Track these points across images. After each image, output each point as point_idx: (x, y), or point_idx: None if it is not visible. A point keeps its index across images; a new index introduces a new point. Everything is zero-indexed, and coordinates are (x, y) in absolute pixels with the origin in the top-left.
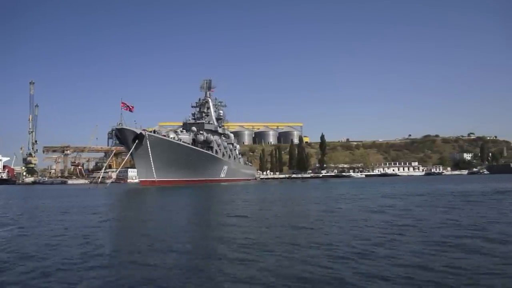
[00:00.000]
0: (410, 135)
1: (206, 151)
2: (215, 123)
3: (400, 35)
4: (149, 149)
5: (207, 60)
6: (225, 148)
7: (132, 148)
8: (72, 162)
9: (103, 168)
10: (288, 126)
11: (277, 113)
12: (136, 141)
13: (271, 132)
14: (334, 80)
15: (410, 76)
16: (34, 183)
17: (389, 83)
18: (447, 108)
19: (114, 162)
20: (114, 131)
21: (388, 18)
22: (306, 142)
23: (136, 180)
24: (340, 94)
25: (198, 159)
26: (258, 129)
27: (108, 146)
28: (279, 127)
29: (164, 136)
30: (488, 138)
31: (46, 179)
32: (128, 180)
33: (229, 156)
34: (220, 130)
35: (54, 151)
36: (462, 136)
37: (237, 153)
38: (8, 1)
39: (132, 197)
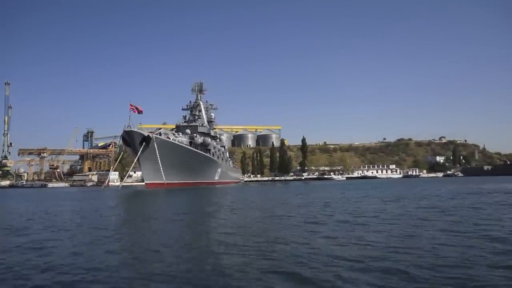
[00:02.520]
0: (385, 139)
1: (204, 153)
2: (207, 126)
3: (371, 34)
4: (157, 152)
5: (184, 62)
6: (218, 150)
7: (140, 151)
8: (51, 165)
9: (112, 170)
10: (267, 129)
11: (256, 116)
12: (143, 144)
13: (249, 135)
14: (310, 84)
15: (385, 80)
16: (11, 186)
17: (365, 87)
18: (418, 112)
19: (92, 165)
20: (121, 134)
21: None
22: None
23: (118, 183)
24: (316, 97)
25: (198, 162)
26: (237, 132)
27: (84, 148)
28: (258, 130)
29: (169, 138)
30: (459, 141)
31: (24, 183)
32: (110, 183)
33: (222, 159)
34: (212, 133)
35: (30, 153)
36: (434, 140)
37: (227, 155)
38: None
39: (166, 200)
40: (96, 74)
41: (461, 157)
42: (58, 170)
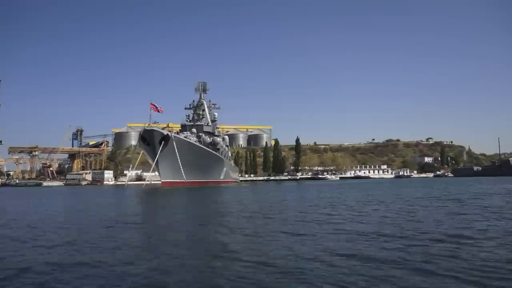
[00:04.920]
0: (373, 139)
1: (215, 152)
2: (211, 125)
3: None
4: (176, 151)
5: (175, 62)
6: (224, 150)
7: (159, 150)
8: (44, 164)
9: (131, 169)
10: (258, 129)
11: (247, 116)
12: (163, 143)
13: (241, 135)
14: (300, 84)
15: (371, 81)
16: (4, 185)
17: (354, 86)
18: (404, 113)
19: (80, 164)
20: (140, 132)
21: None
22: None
23: (112, 182)
24: (306, 97)
25: (209, 161)
26: (228, 131)
27: (72, 147)
28: (249, 129)
29: (186, 137)
30: (445, 142)
31: (18, 181)
32: (105, 182)
33: (227, 158)
34: (216, 132)
35: (21, 152)
36: (421, 141)
37: (229, 155)
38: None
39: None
40: (89, 74)
41: (449, 157)
42: (51, 168)
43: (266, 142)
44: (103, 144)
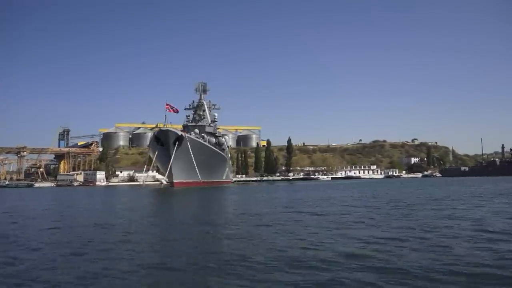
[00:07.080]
0: (360, 140)
1: (222, 153)
2: (212, 125)
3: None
4: (191, 151)
5: (165, 62)
6: (227, 150)
7: (174, 150)
8: (33, 164)
9: (145, 170)
10: (247, 129)
11: (236, 117)
12: (177, 143)
13: (230, 135)
14: (290, 84)
15: (359, 81)
16: None
17: (339, 88)
18: (389, 114)
19: (68, 165)
20: (154, 133)
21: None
22: (264, 145)
23: (104, 183)
24: (295, 96)
25: (216, 161)
26: None
27: (59, 147)
28: (238, 130)
29: (197, 138)
30: (430, 143)
31: (7, 182)
32: (97, 183)
33: (228, 159)
34: (217, 133)
35: (8, 152)
36: (407, 142)
37: (229, 155)
38: None
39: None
40: (88, 75)
41: (435, 158)
42: (41, 169)
43: (257, 143)
44: (93, 144)
